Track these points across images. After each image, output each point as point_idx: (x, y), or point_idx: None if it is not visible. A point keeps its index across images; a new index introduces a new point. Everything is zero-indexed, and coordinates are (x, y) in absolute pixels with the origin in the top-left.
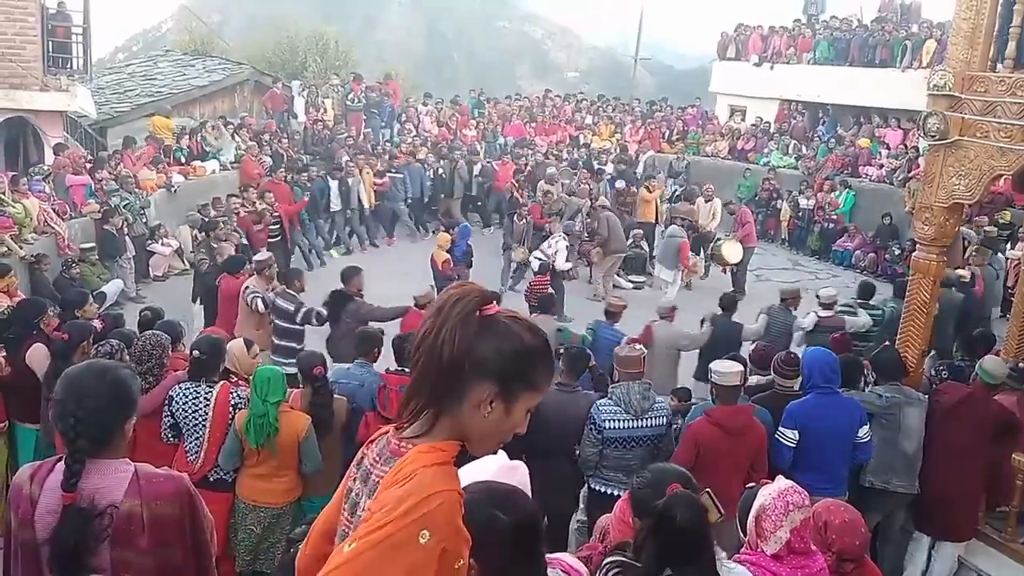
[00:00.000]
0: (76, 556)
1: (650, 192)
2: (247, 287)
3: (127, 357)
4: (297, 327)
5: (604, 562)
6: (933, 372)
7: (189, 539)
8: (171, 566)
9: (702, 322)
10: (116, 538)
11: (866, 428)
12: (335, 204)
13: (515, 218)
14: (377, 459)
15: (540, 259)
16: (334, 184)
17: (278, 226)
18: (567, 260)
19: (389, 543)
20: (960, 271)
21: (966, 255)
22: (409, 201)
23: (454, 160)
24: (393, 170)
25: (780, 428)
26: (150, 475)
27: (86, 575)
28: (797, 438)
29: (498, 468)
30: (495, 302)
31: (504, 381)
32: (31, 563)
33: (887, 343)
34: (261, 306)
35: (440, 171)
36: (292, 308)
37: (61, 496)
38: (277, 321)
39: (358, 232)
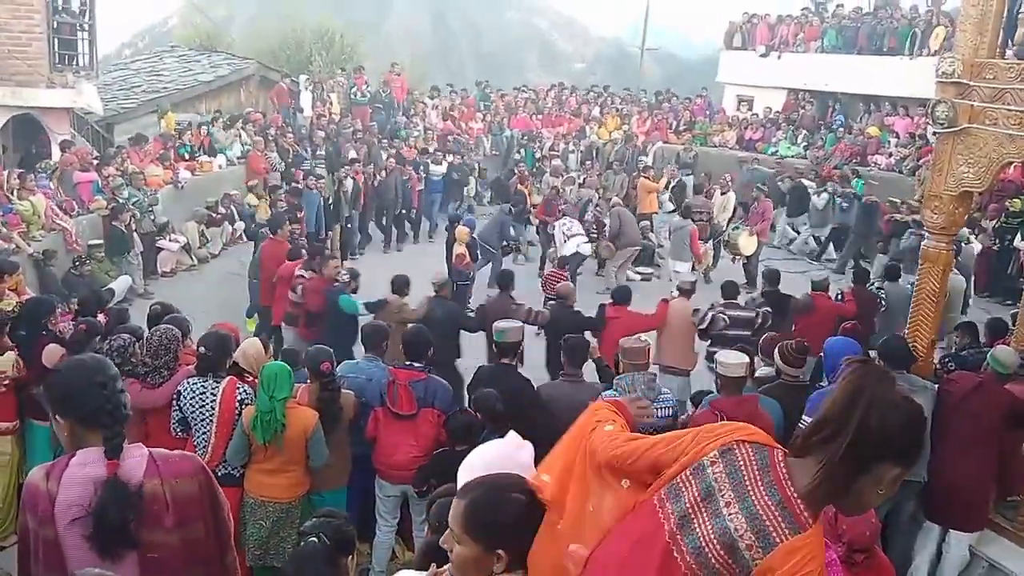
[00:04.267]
0: (124, 531)
1: (652, 182)
2: (697, 309)
3: (139, 351)
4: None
5: None
6: (939, 365)
7: (210, 515)
8: (195, 542)
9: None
10: (143, 518)
11: None
12: None
13: (508, 213)
14: (759, 474)
15: (580, 243)
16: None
17: None
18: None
19: None
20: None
21: None
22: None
23: (339, 178)
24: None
25: (804, 416)
26: (165, 456)
27: (130, 550)
28: None
29: (506, 447)
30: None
31: (903, 462)
32: (53, 560)
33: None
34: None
35: (328, 198)
36: (753, 315)
37: (91, 479)
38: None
39: None
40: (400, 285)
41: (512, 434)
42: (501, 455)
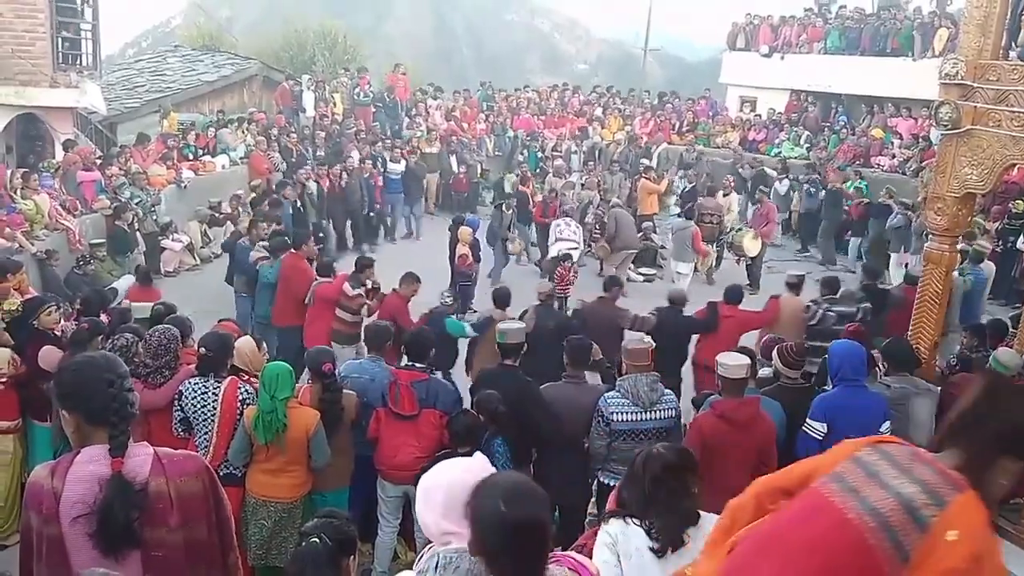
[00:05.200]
0: (128, 529)
1: (653, 183)
2: (808, 306)
3: (141, 350)
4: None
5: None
6: (945, 364)
7: (213, 515)
8: (197, 542)
9: None
10: (147, 517)
11: (888, 424)
12: None
13: (503, 208)
14: (911, 458)
15: (563, 248)
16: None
17: None
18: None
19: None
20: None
21: None
22: None
23: (298, 181)
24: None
25: (808, 420)
26: (170, 455)
27: (134, 549)
28: (825, 431)
29: (471, 468)
30: None
31: None
32: (57, 558)
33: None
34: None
35: (298, 204)
36: (854, 310)
37: (96, 476)
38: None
39: None
40: (502, 299)
41: (478, 455)
42: (464, 477)
